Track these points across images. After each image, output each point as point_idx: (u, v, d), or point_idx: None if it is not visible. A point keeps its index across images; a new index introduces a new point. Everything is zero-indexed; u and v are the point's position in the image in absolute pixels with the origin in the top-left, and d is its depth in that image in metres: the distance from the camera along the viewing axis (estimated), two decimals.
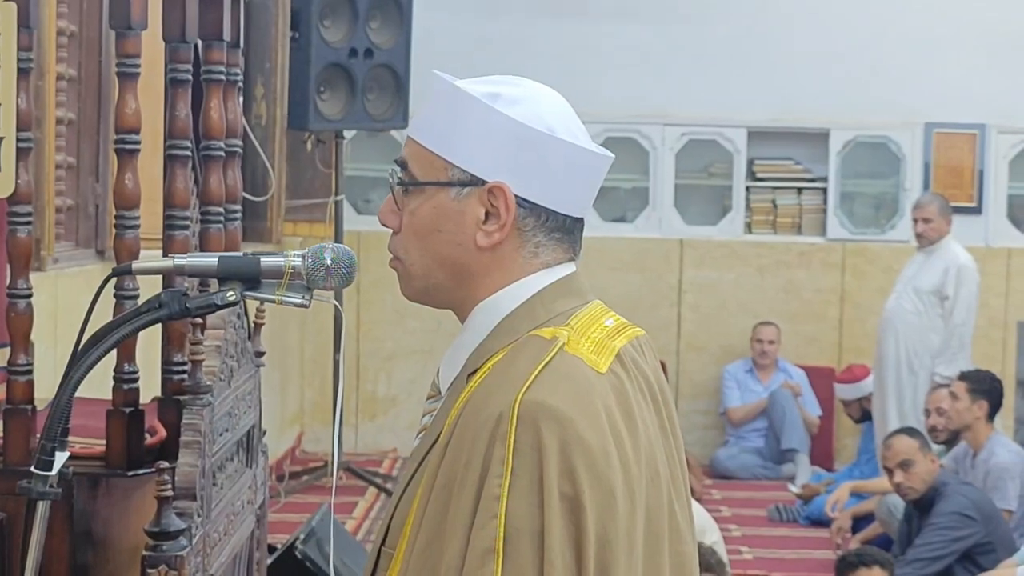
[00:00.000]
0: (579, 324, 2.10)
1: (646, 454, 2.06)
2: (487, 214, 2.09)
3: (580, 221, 2.16)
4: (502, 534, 1.93)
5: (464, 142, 2.09)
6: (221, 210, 3.83)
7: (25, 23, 3.46)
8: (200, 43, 3.77)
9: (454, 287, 2.14)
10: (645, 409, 2.10)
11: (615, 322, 2.15)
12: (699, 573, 2.20)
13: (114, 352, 3.30)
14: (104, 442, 3.45)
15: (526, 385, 1.98)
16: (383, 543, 2.12)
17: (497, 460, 1.95)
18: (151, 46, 3.63)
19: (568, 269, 2.14)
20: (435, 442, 2.08)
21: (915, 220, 9.32)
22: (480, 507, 1.95)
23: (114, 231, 3.55)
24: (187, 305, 2.29)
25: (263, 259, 2.29)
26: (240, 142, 4.01)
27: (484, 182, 2.08)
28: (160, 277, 3.28)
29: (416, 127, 2.15)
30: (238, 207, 3.99)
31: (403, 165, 2.14)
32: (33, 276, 3.55)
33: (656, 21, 10.75)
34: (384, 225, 2.17)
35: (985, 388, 7.82)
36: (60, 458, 2.33)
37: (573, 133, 2.13)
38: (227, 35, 3.78)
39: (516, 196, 2.08)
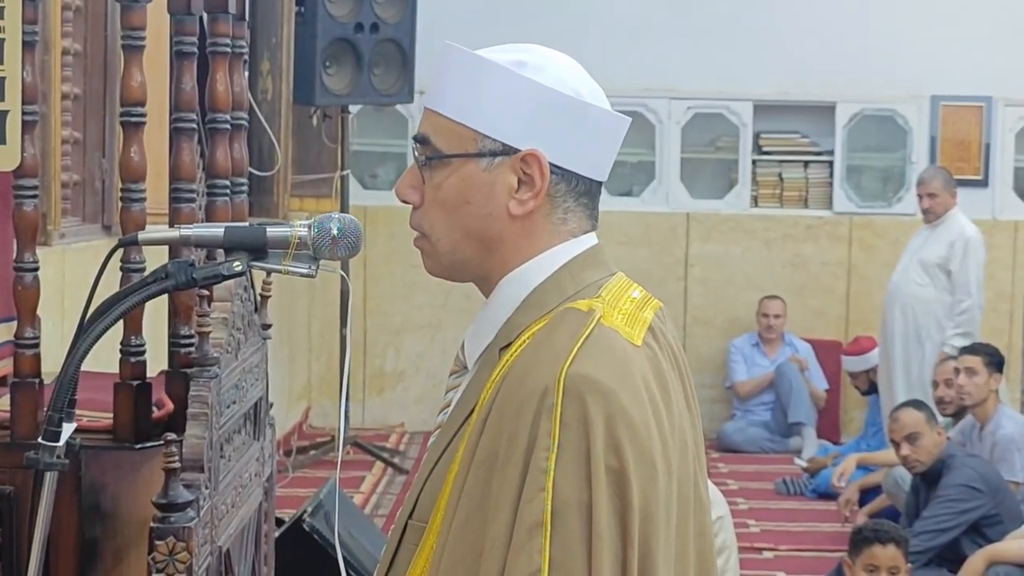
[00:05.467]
0: (610, 296, 2.09)
1: (678, 426, 2.08)
2: (519, 182, 2.09)
3: (601, 185, 2.16)
4: (550, 508, 1.93)
5: (494, 112, 2.08)
6: (227, 183, 3.82)
7: None
8: (205, 15, 3.76)
9: (483, 259, 2.12)
10: (674, 381, 2.12)
11: (640, 294, 2.15)
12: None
13: (121, 325, 3.31)
14: (111, 415, 3.45)
15: (569, 359, 1.98)
16: (410, 516, 2.12)
17: (544, 433, 1.95)
18: (156, 19, 3.62)
19: (591, 240, 2.14)
20: (468, 416, 2.07)
21: (920, 196, 9.31)
22: (527, 481, 1.95)
23: (120, 204, 3.54)
24: (193, 275, 2.30)
25: (269, 229, 2.30)
26: (246, 115, 4.00)
27: (517, 150, 2.08)
28: (166, 250, 3.28)
29: (436, 99, 2.12)
30: (244, 180, 3.98)
31: (423, 140, 2.12)
32: (40, 251, 3.54)
33: None
34: (403, 201, 2.15)
35: (998, 360, 7.85)
36: (67, 429, 2.34)
37: (596, 96, 2.14)
38: (232, 7, 3.77)
39: (549, 163, 2.08)
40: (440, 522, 2.04)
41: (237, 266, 2.29)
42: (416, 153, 2.14)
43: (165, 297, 2.63)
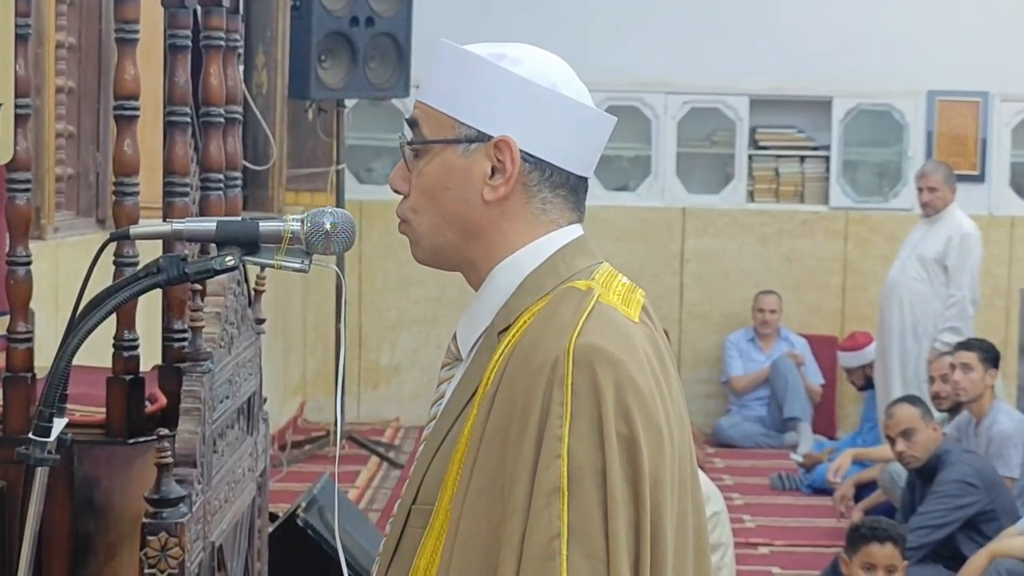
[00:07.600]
0: (603, 279, 2.16)
1: (675, 401, 2.15)
2: (493, 169, 2.14)
3: (585, 181, 2.21)
4: (566, 473, 1.99)
5: (471, 100, 2.15)
6: (221, 177, 3.81)
7: None
8: (199, 9, 3.75)
9: (463, 245, 2.18)
10: (668, 359, 2.19)
11: (628, 281, 2.21)
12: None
13: (114, 320, 3.30)
14: (104, 410, 3.44)
15: (576, 331, 2.04)
16: (414, 502, 2.15)
17: (557, 402, 2.01)
18: (150, 12, 3.61)
19: (578, 231, 2.20)
20: (471, 399, 2.12)
21: (920, 189, 9.30)
22: (543, 448, 2.00)
23: (113, 198, 3.53)
24: (186, 270, 2.29)
25: (262, 224, 2.29)
26: (240, 109, 3.99)
27: (490, 137, 2.14)
28: (160, 243, 3.26)
29: (424, 91, 2.21)
30: (238, 174, 3.97)
31: (414, 123, 2.21)
32: (33, 245, 3.53)
33: None
34: (395, 191, 2.21)
35: (993, 356, 7.83)
36: (58, 424, 2.32)
37: (577, 92, 2.19)
38: (226, 1, 3.76)
39: (521, 151, 2.13)
40: (449, 500, 2.09)
41: (230, 261, 2.28)
42: (401, 139, 2.22)
43: (158, 291, 2.61)
